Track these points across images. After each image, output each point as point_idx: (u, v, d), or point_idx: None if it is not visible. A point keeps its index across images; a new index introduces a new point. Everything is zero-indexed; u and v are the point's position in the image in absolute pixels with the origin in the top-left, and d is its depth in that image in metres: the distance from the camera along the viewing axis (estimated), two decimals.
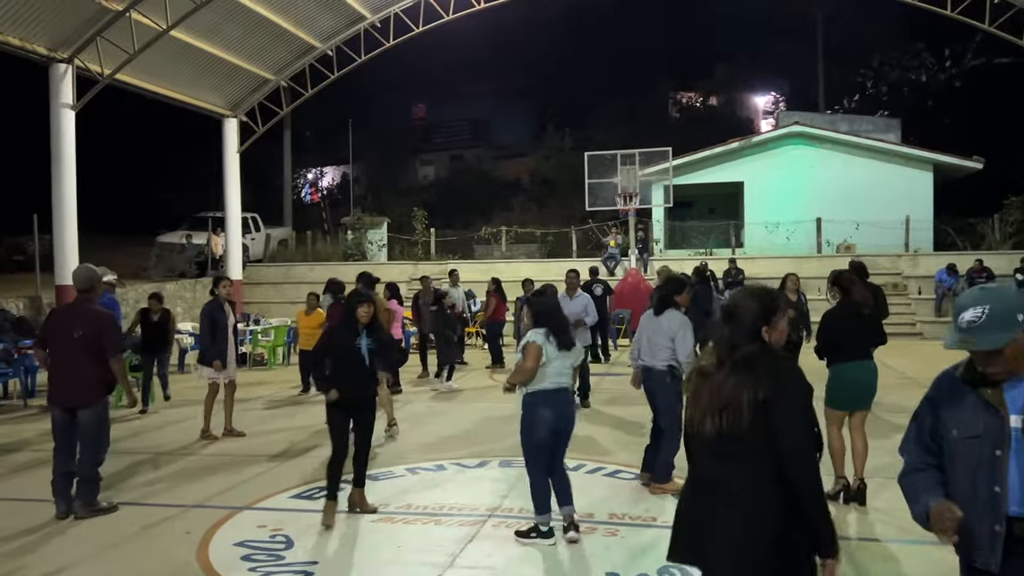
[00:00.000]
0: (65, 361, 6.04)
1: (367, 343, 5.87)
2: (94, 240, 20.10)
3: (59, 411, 6.05)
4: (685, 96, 47.69)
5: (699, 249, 23.99)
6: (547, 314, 5.42)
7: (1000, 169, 25.00)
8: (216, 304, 8.75)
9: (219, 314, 8.62)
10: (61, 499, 6.00)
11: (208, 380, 8.77)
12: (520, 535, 5.34)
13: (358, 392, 5.83)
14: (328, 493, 5.81)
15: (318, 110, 31.77)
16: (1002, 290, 2.46)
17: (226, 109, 21.24)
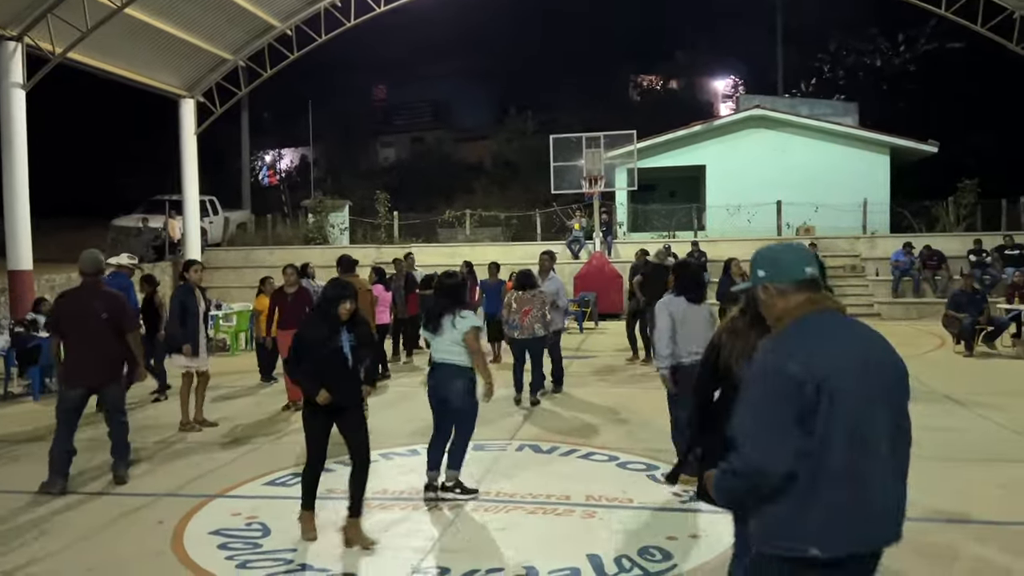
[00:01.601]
0: (88, 343, 6.28)
1: (348, 339, 5.11)
2: (48, 224, 19.59)
3: (78, 391, 6.33)
4: (646, 79, 47.87)
5: (662, 232, 24.14)
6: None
7: (954, 153, 25.54)
8: (187, 289, 8.48)
9: (190, 299, 8.37)
10: (61, 476, 6.24)
11: (182, 369, 8.46)
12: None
13: (342, 398, 5.06)
14: (303, 503, 5.24)
15: (277, 91, 31.18)
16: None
17: (183, 90, 20.77)
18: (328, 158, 44.68)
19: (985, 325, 13.09)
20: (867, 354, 2.49)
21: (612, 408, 9.09)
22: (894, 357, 2.55)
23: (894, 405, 2.49)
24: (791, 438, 2.34)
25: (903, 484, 2.52)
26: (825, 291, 2.65)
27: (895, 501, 2.50)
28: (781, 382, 2.36)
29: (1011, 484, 6.05)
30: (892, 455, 2.46)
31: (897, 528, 2.50)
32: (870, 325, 2.67)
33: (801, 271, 2.56)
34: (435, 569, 4.66)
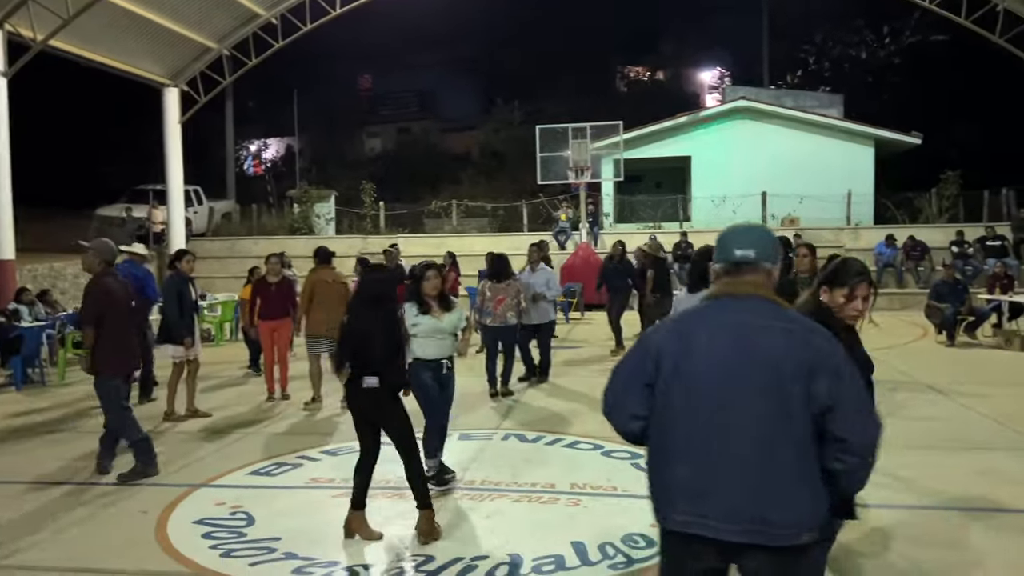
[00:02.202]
0: (124, 331, 6.38)
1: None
2: (30, 213, 19.42)
3: (120, 379, 6.39)
4: (633, 70, 47.87)
5: (647, 223, 24.19)
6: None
7: (937, 145, 25.70)
8: (181, 278, 8.38)
9: (185, 289, 8.30)
10: (153, 459, 6.37)
11: (174, 359, 8.36)
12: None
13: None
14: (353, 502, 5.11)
15: (262, 80, 30.97)
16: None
17: (166, 78, 20.59)
18: (314, 148, 44.44)
19: (967, 315, 13.21)
20: (718, 342, 2.43)
21: (597, 398, 9.02)
22: (765, 352, 2.38)
23: (753, 395, 2.37)
24: (632, 402, 2.58)
25: (747, 480, 2.36)
26: (741, 275, 2.53)
27: (722, 497, 2.38)
28: (640, 348, 2.64)
29: (991, 472, 6.12)
30: (718, 450, 2.39)
31: (726, 526, 2.37)
32: (785, 314, 2.49)
33: (731, 253, 2.55)
34: (420, 557, 4.67)
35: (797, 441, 2.36)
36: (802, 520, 2.37)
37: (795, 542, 2.36)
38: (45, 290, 13.86)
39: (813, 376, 2.34)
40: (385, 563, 4.61)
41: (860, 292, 3.42)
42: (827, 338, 2.44)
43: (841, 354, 2.42)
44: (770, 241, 2.63)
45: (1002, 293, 14.08)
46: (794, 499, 2.37)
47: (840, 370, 2.38)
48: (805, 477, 2.37)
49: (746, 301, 2.52)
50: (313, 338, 8.77)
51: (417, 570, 4.51)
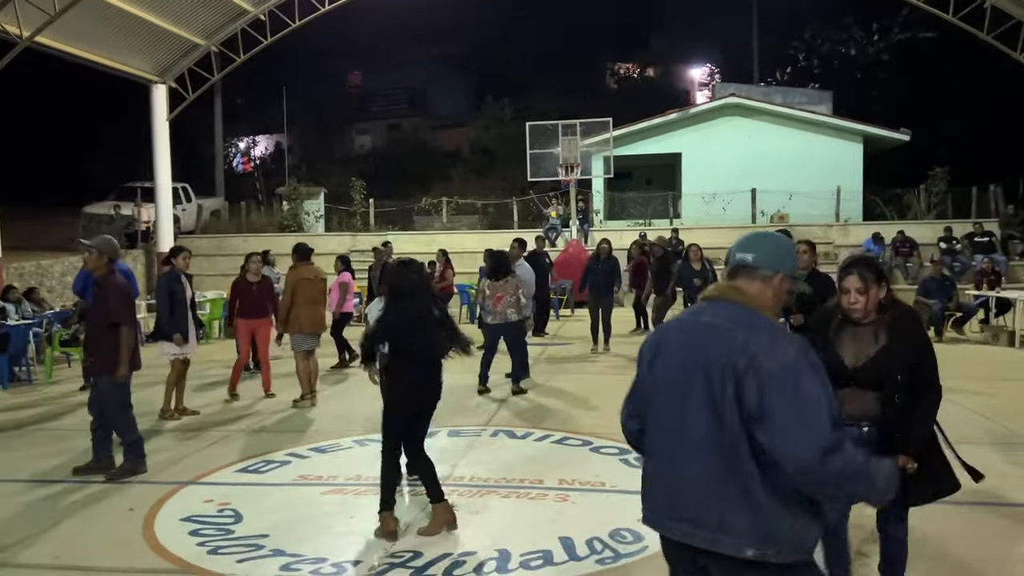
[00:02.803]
0: (134, 329, 6.35)
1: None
2: (17, 211, 19.27)
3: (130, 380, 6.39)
4: (623, 67, 47.86)
5: (638, 220, 24.22)
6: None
7: (925, 141, 25.81)
8: (174, 276, 8.32)
9: (177, 286, 8.24)
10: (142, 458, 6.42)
11: (170, 357, 8.28)
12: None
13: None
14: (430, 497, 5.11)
15: (251, 77, 30.82)
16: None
17: (154, 75, 20.46)
18: (303, 145, 44.28)
19: (954, 311, 13.29)
20: (688, 341, 2.45)
21: (586, 394, 9.13)
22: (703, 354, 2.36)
23: (688, 400, 2.37)
24: (627, 402, 2.69)
25: (682, 481, 2.37)
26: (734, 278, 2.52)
27: (667, 495, 2.42)
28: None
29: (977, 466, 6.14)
30: (669, 449, 2.42)
31: (673, 525, 2.40)
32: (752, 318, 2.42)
33: (732, 255, 2.57)
34: (408, 553, 4.67)
35: (728, 448, 2.29)
36: (739, 532, 2.28)
37: (737, 555, 2.28)
38: (32, 288, 13.76)
39: (741, 379, 2.27)
40: (373, 559, 4.60)
41: (848, 284, 3.47)
42: (774, 343, 2.30)
43: (787, 361, 2.25)
44: (776, 248, 2.55)
45: (989, 289, 14.17)
46: (727, 509, 2.29)
47: (775, 378, 2.23)
48: (739, 487, 2.28)
49: (719, 304, 2.50)
50: (299, 335, 8.76)
51: (405, 566, 4.50)
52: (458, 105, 46.66)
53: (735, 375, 2.29)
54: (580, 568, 4.46)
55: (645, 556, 4.57)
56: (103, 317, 6.17)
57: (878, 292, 3.47)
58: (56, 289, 16.74)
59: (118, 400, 6.26)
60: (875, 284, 3.46)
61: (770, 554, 2.27)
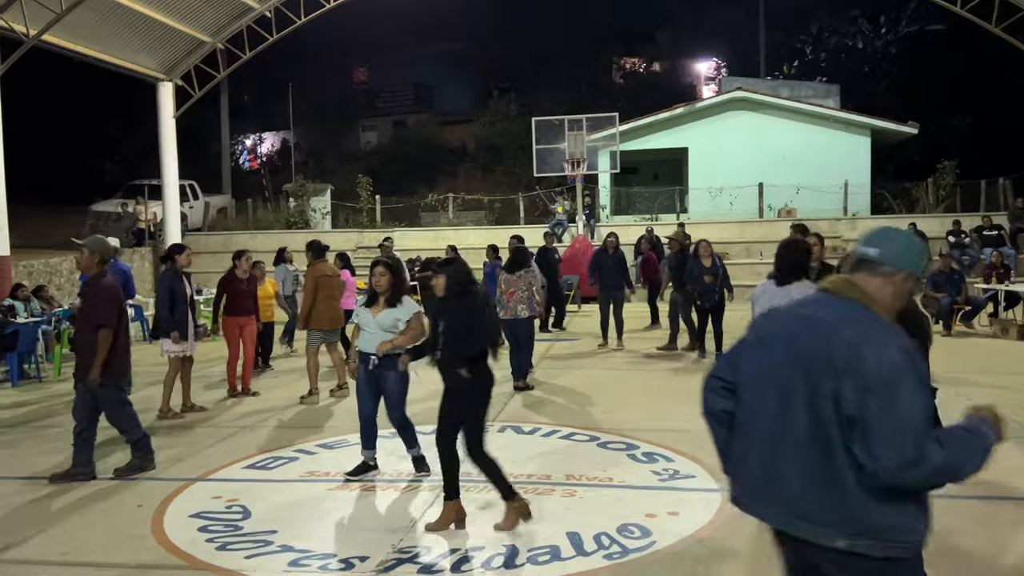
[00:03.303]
0: (127, 331, 6.25)
1: (442, 321, 5.12)
2: (25, 209, 19.35)
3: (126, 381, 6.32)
4: (629, 62, 47.76)
5: (644, 215, 24.19)
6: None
7: (933, 134, 25.72)
8: (175, 274, 8.29)
9: (178, 284, 8.23)
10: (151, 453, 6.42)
11: (170, 355, 8.28)
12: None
13: (443, 377, 5.12)
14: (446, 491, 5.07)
15: (257, 74, 30.93)
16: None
17: (161, 73, 20.50)
18: (309, 142, 44.36)
19: (963, 305, 13.23)
20: (791, 332, 2.43)
21: (594, 390, 9.13)
22: (826, 348, 2.31)
23: (788, 392, 2.36)
24: (720, 375, 2.65)
25: (785, 474, 2.37)
26: (854, 273, 2.50)
27: (761, 482, 2.42)
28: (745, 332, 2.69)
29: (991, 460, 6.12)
30: (767, 438, 2.41)
31: (765, 511, 2.44)
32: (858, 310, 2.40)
33: (858, 249, 2.53)
34: (416, 548, 4.67)
35: (825, 443, 2.30)
36: (832, 523, 2.30)
37: (830, 544, 2.30)
38: (41, 286, 13.82)
39: (841, 378, 2.26)
40: (381, 555, 4.60)
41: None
42: (882, 345, 2.27)
43: (892, 366, 2.23)
44: (904, 244, 2.49)
45: (999, 282, 14.09)
46: (821, 502, 2.31)
47: (876, 381, 2.21)
48: (834, 481, 2.29)
49: (832, 299, 2.46)
50: (316, 332, 8.80)
51: (413, 561, 4.51)
52: (464, 101, 46.73)
53: (835, 373, 2.28)
54: (588, 563, 4.45)
55: (653, 551, 4.57)
56: (92, 319, 6.04)
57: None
58: (65, 287, 16.82)
59: (116, 400, 6.19)
60: None
61: (863, 546, 2.28)
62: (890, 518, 2.29)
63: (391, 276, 5.94)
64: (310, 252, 9.30)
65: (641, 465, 6.19)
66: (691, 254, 11.09)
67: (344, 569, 4.45)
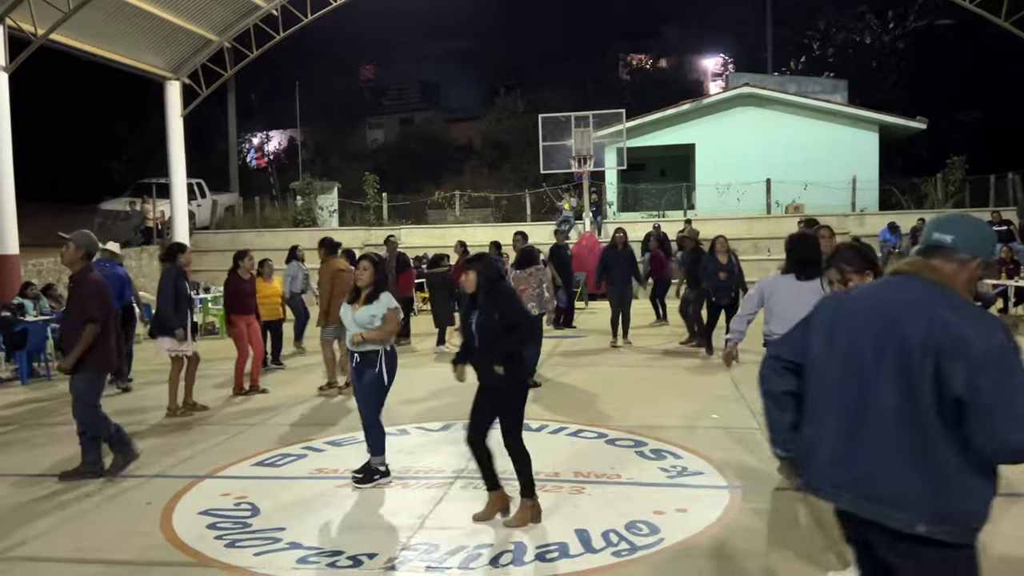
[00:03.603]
0: (112, 326, 6.22)
1: (475, 317, 5.05)
2: (33, 208, 19.43)
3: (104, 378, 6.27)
4: (635, 58, 47.65)
5: (651, 212, 24.15)
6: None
7: (941, 129, 25.59)
8: (180, 272, 8.30)
9: (182, 283, 8.25)
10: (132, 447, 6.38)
11: (171, 353, 8.27)
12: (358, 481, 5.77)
13: (479, 375, 5.13)
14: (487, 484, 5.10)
15: (264, 73, 30.98)
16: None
17: (168, 71, 20.57)
18: (316, 140, 44.42)
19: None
20: (878, 316, 2.44)
21: (601, 386, 9.12)
22: (925, 330, 2.31)
23: (883, 373, 2.36)
24: (779, 356, 2.67)
25: (863, 457, 2.37)
26: (928, 258, 2.50)
27: (838, 464, 2.42)
28: (801, 321, 2.68)
29: None
30: (846, 419, 2.41)
31: (839, 494, 2.43)
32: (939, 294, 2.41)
33: (929, 236, 2.55)
34: (424, 546, 4.67)
35: (918, 425, 2.30)
36: (915, 508, 2.29)
37: (906, 530, 2.30)
38: (50, 284, 13.88)
39: (946, 360, 2.26)
40: (389, 552, 4.61)
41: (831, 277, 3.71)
42: (982, 325, 2.30)
43: (997, 344, 2.25)
44: (977, 232, 2.51)
45: (1008, 278, 14.02)
46: (907, 485, 2.30)
47: (986, 361, 2.22)
48: (925, 464, 2.29)
49: (915, 280, 2.46)
50: (330, 326, 8.86)
51: (421, 558, 4.51)
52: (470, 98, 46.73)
53: (937, 355, 2.27)
54: (596, 560, 4.44)
55: (661, 548, 4.56)
56: (77, 314, 5.98)
57: (862, 280, 3.53)
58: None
59: (89, 400, 6.07)
60: (856, 274, 3.54)
61: (941, 531, 2.28)
62: (972, 503, 2.30)
63: (374, 272, 5.94)
64: (323, 249, 9.38)
65: (649, 462, 6.18)
66: (708, 251, 11.02)
67: (352, 566, 4.46)
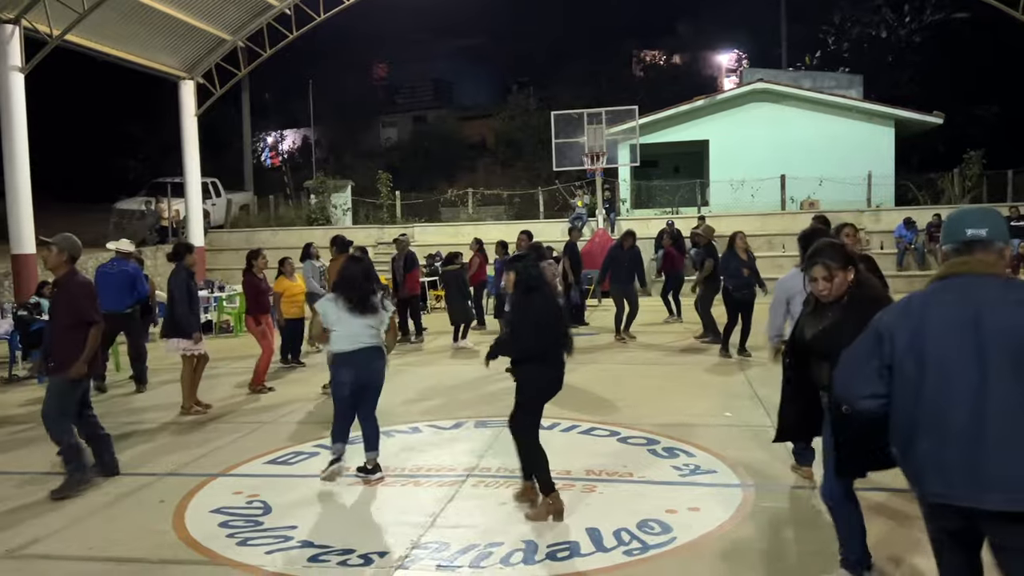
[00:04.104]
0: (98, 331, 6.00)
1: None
2: (50, 208, 19.60)
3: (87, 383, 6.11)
4: (649, 55, 47.46)
5: (665, 208, 24.05)
6: (344, 280, 5.86)
7: (958, 124, 25.32)
8: (189, 273, 8.33)
9: (192, 283, 8.28)
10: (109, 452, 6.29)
11: (183, 353, 8.29)
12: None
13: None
14: (523, 474, 5.29)
15: (277, 72, 31.09)
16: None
17: (182, 71, 20.68)
18: (330, 139, 44.52)
19: None
20: (963, 317, 2.52)
21: (614, 384, 9.09)
22: (1005, 323, 2.47)
23: (991, 368, 2.46)
24: (862, 382, 2.72)
25: (997, 449, 2.45)
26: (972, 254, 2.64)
27: (976, 468, 2.46)
28: (871, 331, 2.75)
29: None
30: (973, 424, 2.46)
31: (989, 497, 2.46)
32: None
33: (962, 233, 2.66)
34: (435, 544, 4.67)
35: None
36: None
37: None
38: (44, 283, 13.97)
39: None
40: (400, 550, 4.61)
41: (815, 273, 3.74)
42: None
43: None
44: (1001, 221, 2.69)
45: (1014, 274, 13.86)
46: None
47: None
48: None
49: (982, 279, 2.59)
50: None
51: (432, 557, 4.50)
52: (483, 96, 46.67)
53: None
54: (607, 559, 4.42)
55: (673, 547, 4.53)
56: (65, 317, 5.87)
57: (845, 276, 3.67)
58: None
59: (64, 403, 5.88)
60: (840, 270, 3.66)
61: None
62: None
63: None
64: (334, 247, 9.40)
65: (662, 460, 6.15)
66: (727, 247, 10.96)
67: (363, 564, 4.46)
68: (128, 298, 9.54)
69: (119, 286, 9.47)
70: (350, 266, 6.04)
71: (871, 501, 4.79)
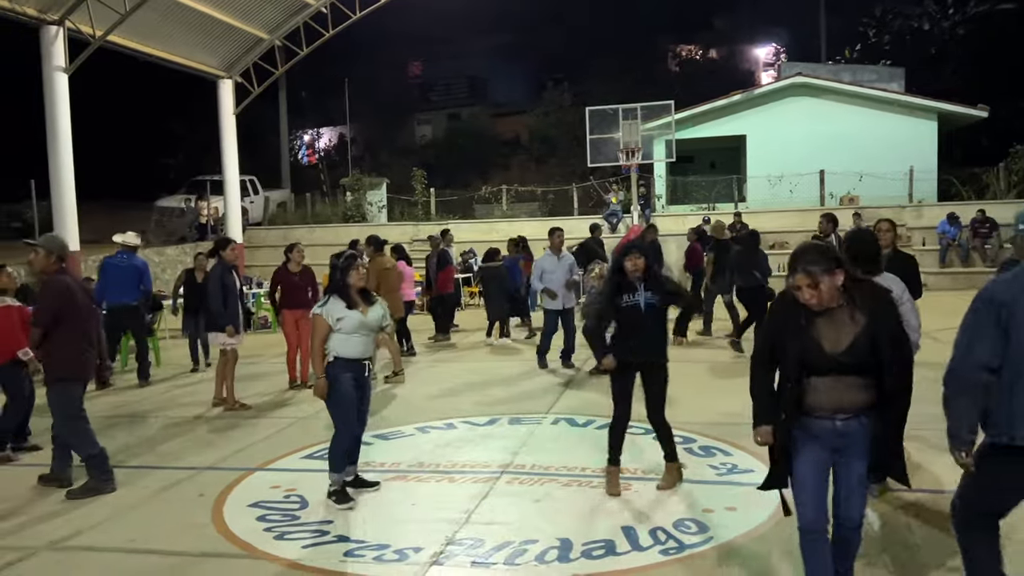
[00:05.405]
0: (86, 333, 5.87)
1: (646, 297, 5.34)
2: (93, 205, 19.98)
3: (81, 388, 5.92)
4: (685, 49, 47.05)
5: (701, 204, 23.82)
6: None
7: (1004, 118, 24.70)
8: (225, 267, 8.42)
9: (228, 278, 8.36)
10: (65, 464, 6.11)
11: (221, 347, 8.42)
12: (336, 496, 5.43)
13: (644, 355, 5.44)
14: (610, 458, 5.48)
15: (313, 70, 31.35)
16: None
17: (221, 70, 20.95)
18: (365, 136, 44.84)
19: None
20: None
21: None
22: None
23: None
24: (980, 354, 3.15)
25: None
26: None
27: None
28: (983, 306, 3.20)
29: None
30: None
31: None
32: None
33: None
34: (469, 540, 4.67)
35: None
36: None
37: None
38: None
39: None
40: (435, 546, 4.62)
41: (797, 283, 3.35)
42: None
43: None
44: None
45: None
46: None
47: None
48: None
49: None
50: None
51: (467, 553, 4.51)
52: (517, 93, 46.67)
53: None
54: (643, 558, 4.38)
55: (710, 547, 4.48)
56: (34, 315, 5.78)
57: (833, 280, 3.29)
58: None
59: (67, 411, 5.75)
60: (825, 275, 3.28)
61: None
62: None
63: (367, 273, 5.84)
64: (370, 246, 9.49)
65: (698, 459, 6.09)
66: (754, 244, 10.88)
67: (398, 560, 4.47)
68: (136, 291, 9.81)
69: (128, 279, 9.74)
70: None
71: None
